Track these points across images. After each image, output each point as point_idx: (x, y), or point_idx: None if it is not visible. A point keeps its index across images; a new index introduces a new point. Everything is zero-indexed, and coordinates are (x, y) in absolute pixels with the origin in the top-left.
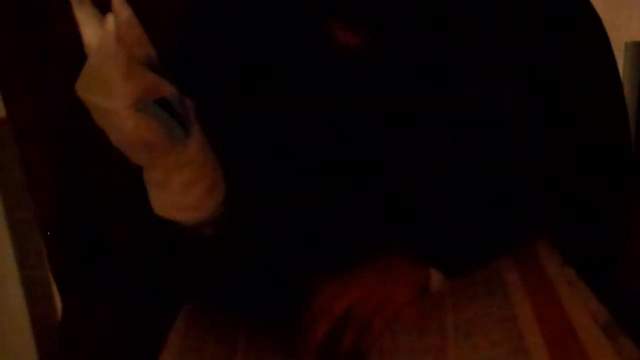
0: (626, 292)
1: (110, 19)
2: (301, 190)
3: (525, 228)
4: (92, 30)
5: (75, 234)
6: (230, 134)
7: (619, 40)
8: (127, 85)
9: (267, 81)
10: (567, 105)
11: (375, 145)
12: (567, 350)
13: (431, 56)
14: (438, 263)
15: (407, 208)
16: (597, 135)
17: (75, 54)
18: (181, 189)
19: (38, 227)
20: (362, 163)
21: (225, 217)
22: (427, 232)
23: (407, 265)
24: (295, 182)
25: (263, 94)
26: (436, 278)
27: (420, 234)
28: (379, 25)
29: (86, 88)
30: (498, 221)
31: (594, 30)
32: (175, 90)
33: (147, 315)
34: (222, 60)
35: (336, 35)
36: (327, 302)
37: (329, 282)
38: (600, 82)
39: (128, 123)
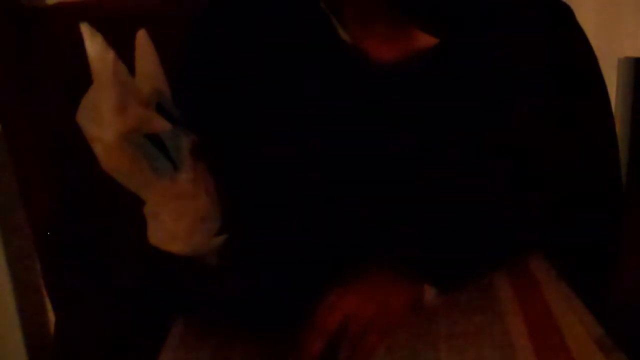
0: (620, 307)
1: (111, 54)
2: (303, 208)
3: (519, 244)
4: (100, 63)
5: (71, 247)
6: (238, 158)
7: (612, 56)
8: (116, 119)
9: (284, 95)
10: (559, 126)
11: (382, 160)
12: None
13: (469, 75)
14: (432, 278)
15: (403, 224)
16: (587, 153)
17: (70, 66)
18: (171, 220)
19: (32, 239)
20: (367, 178)
21: (228, 248)
22: (421, 247)
23: (401, 280)
24: (297, 201)
25: (278, 111)
26: (430, 293)
27: (415, 249)
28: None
29: (83, 116)
30: (492, 237)
31: (582, 53)
32: (169, 127)
33: (142, 327)
34: (236, 80)
35: (367, 48)
36: (322, 317)
37: (324, 296)
38: (589, 105)
39: (113, 153)
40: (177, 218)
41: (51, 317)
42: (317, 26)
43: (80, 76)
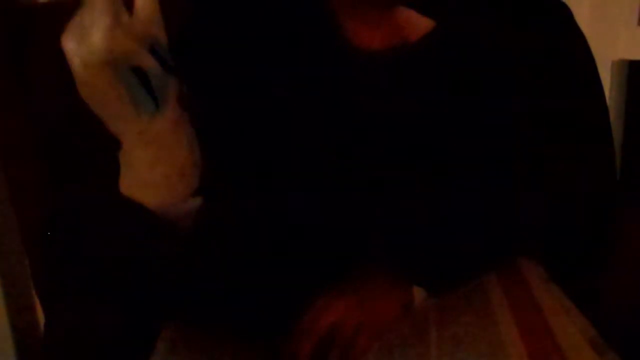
0: (612, 307)
1: None
2: (291, 199)
3: (511, 244)
4: None
5: (61, 249)
6: (226, 123)
7: (605, 58)
8: (103, 43)
9: (271, 74)
10: (555, 127)
11: (371, 152)
12: None
13: (461, 66)
14: (422, 280)
15: (393, 225)
16: (583, 153)
17: (59, 72)
18: (145, 167)
19: (22, 240)
20: (356, 171)
21: (204, 213)
22: (412, 249)
23: (392, 282)
24: (286, 188)
25: (265, 87)
26: (420, 295)
27: (405, 251)
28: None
29: (69, 37)
30: (482, 238)
31: (581, 53)
32: (157, 67)
33: (131, 329)
34: (226, 49)
35: (353, 34)
36: (311, 321)
37: (314, 299)
38: (587, 102)
39: (96, 79)
40: (152, 165)
41: (40, 318)
42: (310, 8)
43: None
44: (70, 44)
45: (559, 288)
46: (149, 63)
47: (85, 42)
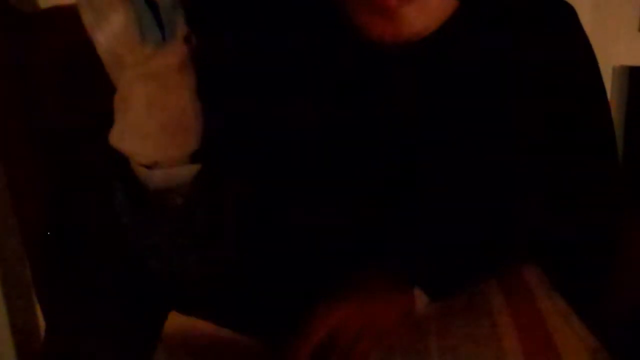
0: (615, 319)
1: None
2: (293, 197)
3: (513, 251)
4: None
5: (62, 252)
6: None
7: (606, 64)
8: None
9: (276, 67)
10: (559, 130)
11: (376, 153)
12: None
13: (475, 66)
14: (424, 285)
15: (396, 229)
16: (587, 159)
17: (59, 74)
18: (142, 110)
19: (22, 243)
20: (360, 171)
21: (197, 189)
22: (414, 253)
23: (393, 287)
24: (284, 183)
25: (269, 80)
26: (421, 300)
27: (407, 256)
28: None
29: None
30: (485, 244)
31: (585, 55)
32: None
33: (132, 335)
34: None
35: (364, 28)
36: (310, 326)
37: (315, 302)
38: (591, 105)
39: None
40: (150, 107)
41: (41, 320)
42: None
43: (75, 78)
44: None
45: (562, 297)
46: None
47: None
